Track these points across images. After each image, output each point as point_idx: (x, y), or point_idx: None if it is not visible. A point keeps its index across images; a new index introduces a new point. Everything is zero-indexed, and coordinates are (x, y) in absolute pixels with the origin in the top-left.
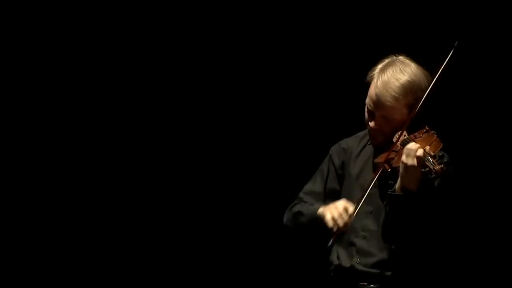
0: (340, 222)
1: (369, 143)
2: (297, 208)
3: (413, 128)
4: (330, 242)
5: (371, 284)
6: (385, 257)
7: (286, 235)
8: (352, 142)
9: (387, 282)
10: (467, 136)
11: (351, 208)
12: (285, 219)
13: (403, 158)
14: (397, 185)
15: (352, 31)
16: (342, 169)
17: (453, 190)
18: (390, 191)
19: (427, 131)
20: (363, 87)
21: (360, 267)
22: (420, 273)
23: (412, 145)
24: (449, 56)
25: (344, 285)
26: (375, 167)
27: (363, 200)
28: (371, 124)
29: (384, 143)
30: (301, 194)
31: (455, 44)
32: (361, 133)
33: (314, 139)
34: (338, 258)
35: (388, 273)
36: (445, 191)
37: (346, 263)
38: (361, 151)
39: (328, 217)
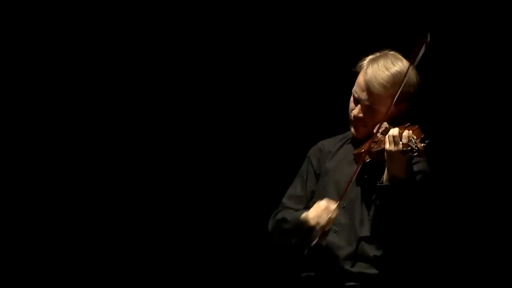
0: (322, 221)
1: (347, 142)
2: (280, 215)
3: (394, 123)
4: (314, 242)
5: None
6: (353, 250)
7: (270, 242)
8: (329, 142)
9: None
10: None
11: (332, 206)
12: (270, 226)
13: (387, 146)
14: (384, 176)
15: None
16: (319, 169)
17: (434, 186)
18: (379, 183)
19: (408, 126)
20: (346, 90)
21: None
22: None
23: (393, 131)
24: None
25: (314, 281)
26: (354, 160)
27: (344, 195)
28: (355, 112)
29: (365, 138)
30: (283, 200)
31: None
32: (340, 136)
33: (297, 140)
34: (305, 255)
35: (355, 266)
36: (429, 186)
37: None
38: (338, 149)
39: (310, 217)
